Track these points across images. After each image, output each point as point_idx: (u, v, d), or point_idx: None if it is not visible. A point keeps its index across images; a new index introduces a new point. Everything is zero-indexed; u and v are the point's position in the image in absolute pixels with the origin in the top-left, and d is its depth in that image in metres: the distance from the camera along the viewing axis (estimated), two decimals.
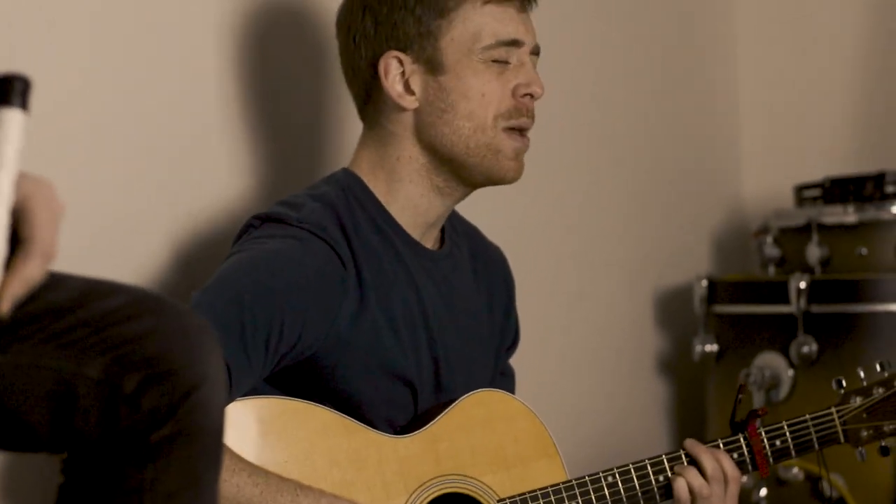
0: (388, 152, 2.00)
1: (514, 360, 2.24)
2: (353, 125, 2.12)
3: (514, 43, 1.98)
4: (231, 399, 1.77)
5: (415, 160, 1.99)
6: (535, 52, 2.02)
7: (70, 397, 1.34)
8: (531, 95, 1.98)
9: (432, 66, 1.96)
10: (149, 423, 1.34)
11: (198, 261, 2.18)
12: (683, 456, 2.03)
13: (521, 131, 1.99)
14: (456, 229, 2.12)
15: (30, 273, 1.30)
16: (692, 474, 2.00)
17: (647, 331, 3.14)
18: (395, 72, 1.97)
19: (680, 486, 2.00)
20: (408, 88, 1.97)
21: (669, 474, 2.02)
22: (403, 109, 1.98)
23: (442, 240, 2.08)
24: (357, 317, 1.90)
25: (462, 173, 1.99)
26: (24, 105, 1.28)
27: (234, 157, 2.26)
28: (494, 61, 1.96)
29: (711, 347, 2.99)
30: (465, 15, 1.96)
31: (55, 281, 1.37)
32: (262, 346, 1.80)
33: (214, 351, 1.39)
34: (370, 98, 2.01)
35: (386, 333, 1.93)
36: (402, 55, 1.96)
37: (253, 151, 2.29)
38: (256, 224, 1.94)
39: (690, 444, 2.04)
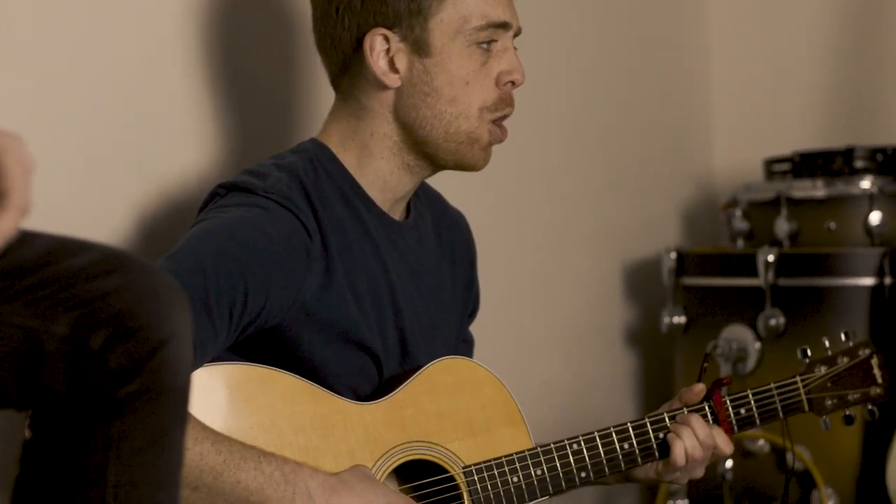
0: (361, 126, 1.99)
1: (483, 331, 2.25)
2: (323, 93, 2.11)
3: (503, 25, 1.97)
4: (196, 367, 1.75)
5: (388, 137, 1.98)
6: (517, 33, 2.01)
7: (37, 354, 1.34)
8: (513, 83, 1.98)
9: (419, 47, 1.94)
10: (115, 379, 1.34)
11: (164, 227, 2.17)
12: (649, 423, 2.04)
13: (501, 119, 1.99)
14: (420, 198, 2.12)
15: (5, 226, 1.31)
16: (688, 434, 2.02)
17: (615, 302, 3.15)
18: (379, 49, 1.95)
19: (678, 446, 2.02)
20: (392, 66, 1.95)
21: (634, 441, 2.03)
22: (385, 87, 1.96)
23: (408, 210, 2.08)
24: (323, 288, 1.89)
25: (434, 155, 1.98)
26: None
27: (200, 124, 2.26)
28: (480, 44, 1.95)
29: (679, 319, 3.01)
30: None
31: (23, 238, 1.36)
32: (226, 315, 1.79)
33: (182, 309, 1.40)
34: (347, 70, 1.99)
35: (351, 305, 1.92)
36: (388, 32, 1.94)
37: (220, 118, 2.28)
38: (222, 192, 1.93)
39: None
